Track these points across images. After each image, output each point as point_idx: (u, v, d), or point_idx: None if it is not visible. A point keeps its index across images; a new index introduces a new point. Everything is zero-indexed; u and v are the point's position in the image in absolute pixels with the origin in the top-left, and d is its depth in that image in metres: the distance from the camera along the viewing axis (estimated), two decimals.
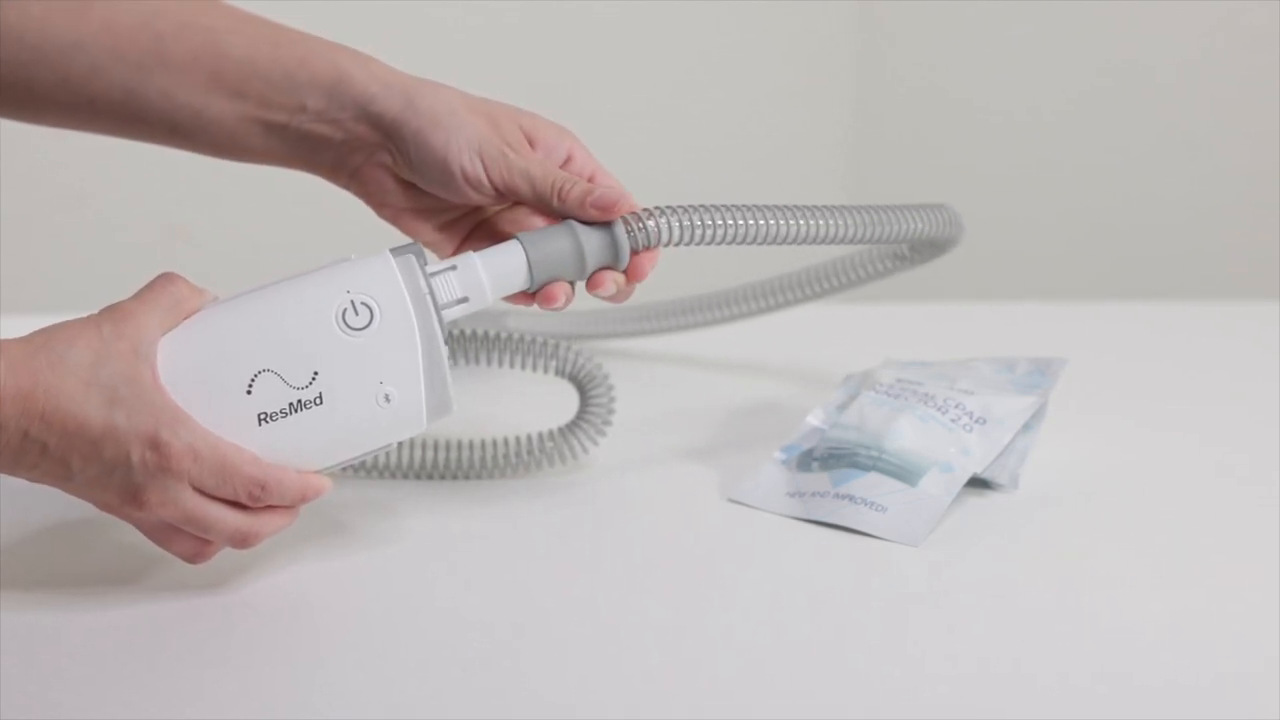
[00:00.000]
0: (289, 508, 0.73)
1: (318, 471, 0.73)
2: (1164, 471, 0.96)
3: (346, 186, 0.85)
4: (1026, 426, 0.91)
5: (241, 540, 0.72)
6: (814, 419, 0.95)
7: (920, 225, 0.89)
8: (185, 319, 0.71)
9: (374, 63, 0.83)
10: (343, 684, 0.68)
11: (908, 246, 0.99)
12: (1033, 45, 2.26)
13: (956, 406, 0.90)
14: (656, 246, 0.79)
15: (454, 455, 0.91)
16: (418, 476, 0.91)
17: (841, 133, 2.41)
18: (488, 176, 0.80)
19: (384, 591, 0.77)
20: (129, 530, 0.83)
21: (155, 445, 0.68)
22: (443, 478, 0.92)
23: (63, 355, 0.67)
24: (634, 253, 0.79)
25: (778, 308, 1.09)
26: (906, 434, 0.88)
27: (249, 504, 0.71)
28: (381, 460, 0.90)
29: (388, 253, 0.74)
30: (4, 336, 0.68)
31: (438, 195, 0.82)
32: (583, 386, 0.90)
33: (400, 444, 0.90)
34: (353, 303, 0.72)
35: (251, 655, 0.71)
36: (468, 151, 0.80)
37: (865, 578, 0.79)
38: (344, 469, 0.88)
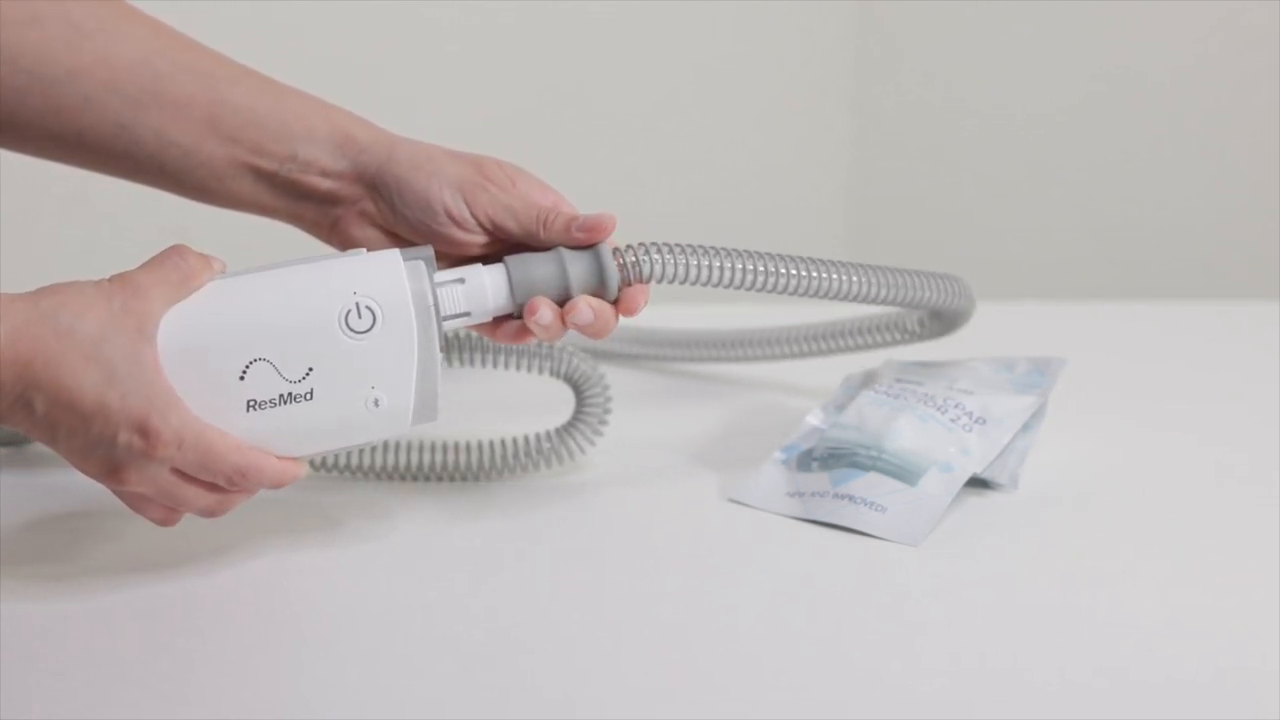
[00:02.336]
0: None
1: (295, 458, 0.73)
2: (1164, 471, 0.96)
3: (328, 240, 0.86)
4: (1026, 426, 0.91)
5: (209, 513, 0.73)
6: (814, 419, 0.96)
7: (928, 293, 0.89)
8: (191, 294, 0.71)
9: (365, 122, 0.85)
10: (341, 683, 0.68)
11: (917, 321, 0.99)
12: (1032, 49, 2.26)
13: (956, 406, 0.90)
14: (649, 281, 0.79)
15: (451, 457, 0.91)
16: (415, 478, 0.91)
17: (841, 137, 2.41)
18: (471, 213, 0.81)
19: (381, 592, 0.77)
20: (116, 524, 0.83)
21: (144, 431, 0.68)
22: (440, 479, 0.91)
23: (71, 327, 0.67)
24: (625, 284, 0.79)
25: (777, 358, 1.09)
26: (906, 434, 0.88)
27: (226, 488, 0.72)
28: (379, 462, 0.90)
29: (399, 256, 0.74)
30: None
31: (425, 243, 0.82)
32: (578, 387, 0.90)
33: (398, 445, 0.90)
34: (357, 305, 0.72)
35: (250, 655, 0.71)
36: (449, 190, 0.81)
37: (865, 578, 0.79)
38: (323, 461, 0.89)
